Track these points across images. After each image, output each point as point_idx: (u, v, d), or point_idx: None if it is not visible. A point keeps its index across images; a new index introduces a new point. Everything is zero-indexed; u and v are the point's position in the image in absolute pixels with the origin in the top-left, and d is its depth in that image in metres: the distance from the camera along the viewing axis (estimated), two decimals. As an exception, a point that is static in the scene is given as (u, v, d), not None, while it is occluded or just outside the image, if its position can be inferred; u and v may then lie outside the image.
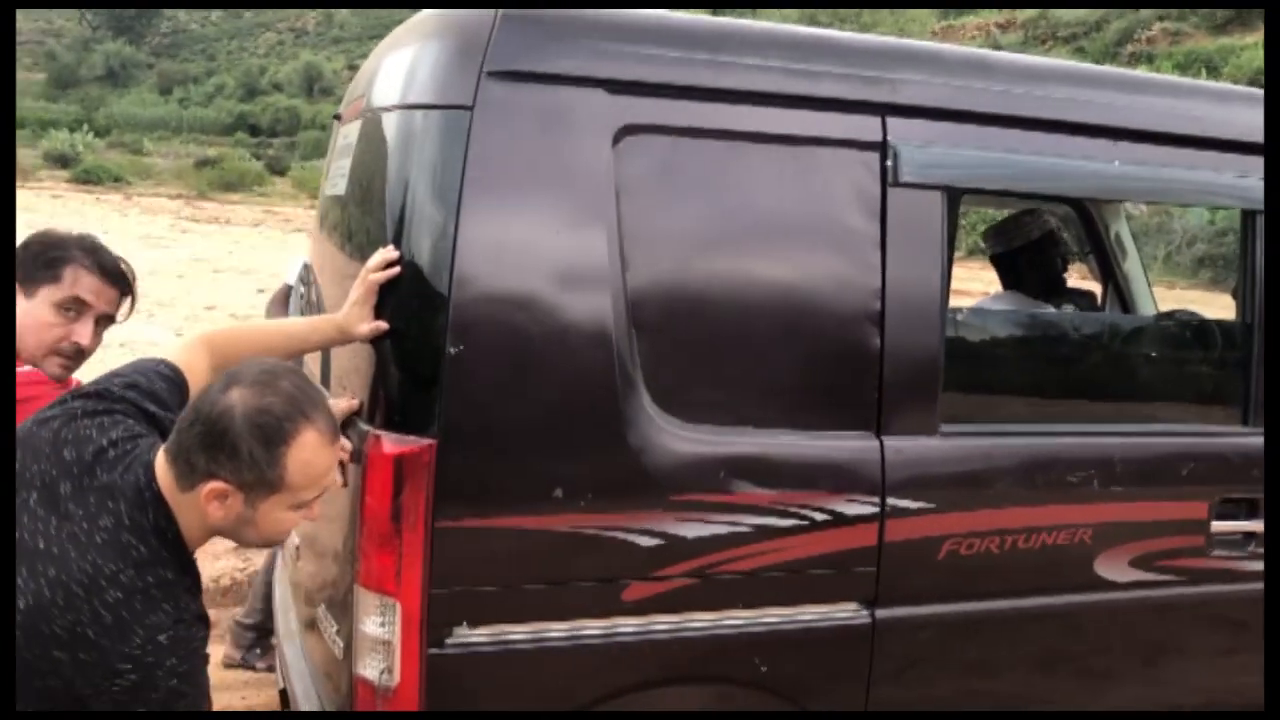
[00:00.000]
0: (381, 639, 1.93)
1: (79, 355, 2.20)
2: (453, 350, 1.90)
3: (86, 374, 2.21)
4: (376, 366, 2.01)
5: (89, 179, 30.35)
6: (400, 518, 1.90)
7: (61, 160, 33.03)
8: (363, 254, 2.09)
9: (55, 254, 2.17)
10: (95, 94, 67.05)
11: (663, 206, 2.07)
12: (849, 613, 2.19)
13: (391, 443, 1.91)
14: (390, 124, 2.12)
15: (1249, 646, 2.57)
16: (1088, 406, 2.56)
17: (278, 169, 37.68)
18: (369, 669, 1.95)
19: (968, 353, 2.39)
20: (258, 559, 4.18)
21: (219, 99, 65.08)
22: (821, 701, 2.19)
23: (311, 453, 1.62)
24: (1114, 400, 2.57)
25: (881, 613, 2.20)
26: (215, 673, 3.34)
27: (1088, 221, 3.94)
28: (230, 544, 4.36)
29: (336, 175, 2.55)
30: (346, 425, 2.04)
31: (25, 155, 29.19)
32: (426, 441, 1.90)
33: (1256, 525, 2.50)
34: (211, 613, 3.65)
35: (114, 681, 1.52)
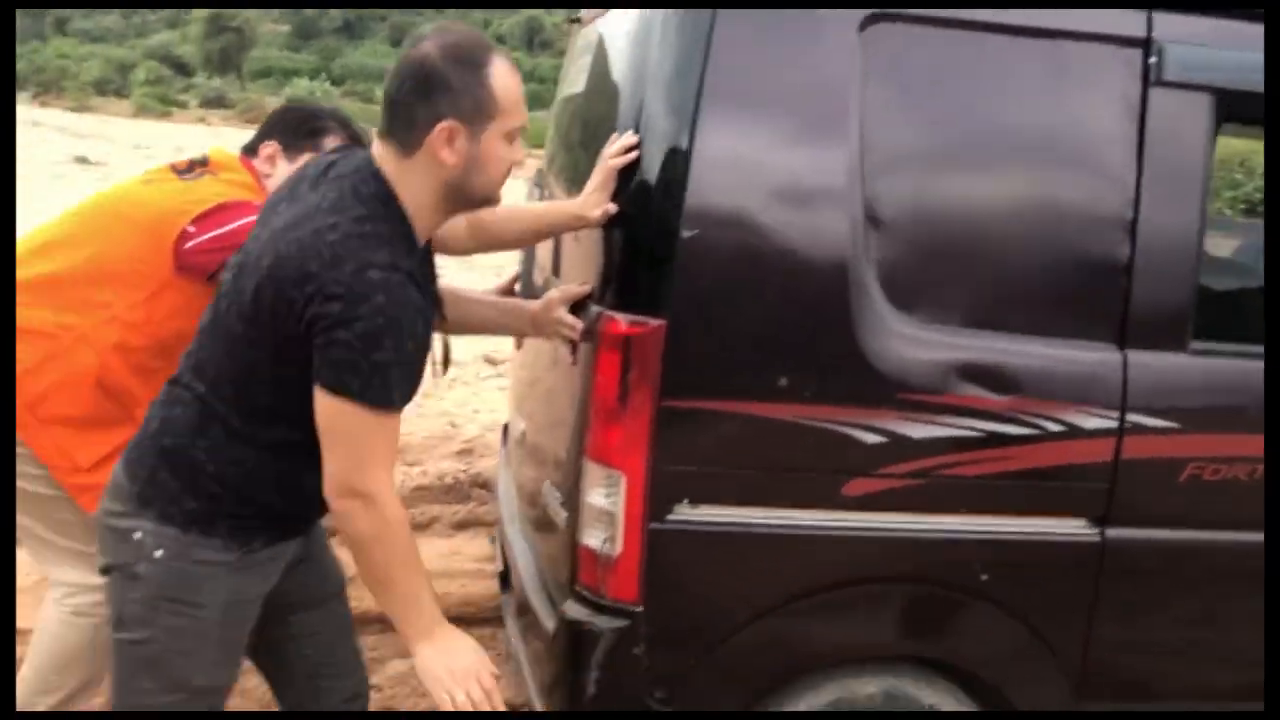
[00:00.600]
0: (605, 510, 2.00)
1: None
2: (686, 234, 1.92)
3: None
4: (609, 249, 2.06)
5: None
6: (629, 395, 1.95)
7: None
8: (599, 146, 2.14)
9: (317, 124, 2.36)
10: (333, 45, 70.79)
11: (907, 101, 2.02)
12: (1077, 529, 2.11)
13: (622, 322, 1.96)
14: (633, 18, 2.16)
15: None
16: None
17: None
18: (592, 539, 2.02)
19: (1229, 268, 2.24)
20: (479, 462, 4.39)
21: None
22: (1042, 616, 2.12)
23: (508, 74, 1.74)
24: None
25: (1112, 532, 2.11)
26: (440, 559, 3.57)
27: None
28: (455, 446, 4.60)
29: (576, 74, 2.62)
30: (578, 308, 2.11)
31: (272, 102, 31.15)
32: (656, 322, 1.93)
33: None
34: (435, 509, 3.90)
35: (327, 306, 1.62)
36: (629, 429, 1.96)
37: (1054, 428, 2.05)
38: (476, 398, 5.47)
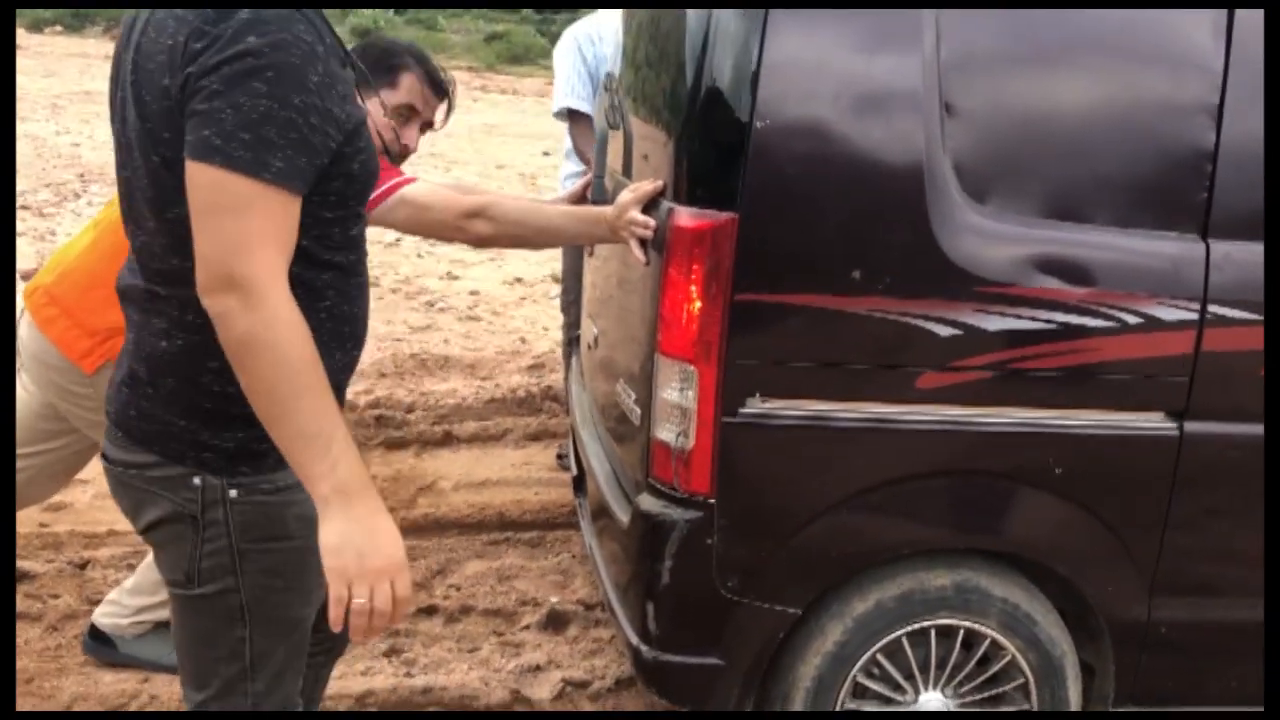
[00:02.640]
0: (679, 405, 2.02)
1: (404, 156, 2.38)
2: (759, 124, 1.91)
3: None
4: (681, 143, 2.06)
5: (389, 54, 32.14)
6: (701, 289, 1.96)
7: (364, 34, 35.12)
8: (668, 60, 2.13)
9: (394, 61, 2.34)
10: (393, -29, 70.34)
11: (982, -9, 1.97)
12: (1155, 423, 2.09)
13: (693, 217, 1.97)
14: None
15: None
16: None
17: (561, 43, 38.53)
18: (666, 433, 2.05)
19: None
20: (550, 376, 4.46)
21: (505, -25, 66.86)
22: (1116, 513, 2.12)
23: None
24: None
25: (1190, 426, 2.08)
26: (514, 469, 3.66)
27: None
28: (526, 361, 4.69)
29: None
30: (650, 206, 2.12)
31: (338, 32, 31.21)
32: (728, 215, 1.94)
33: None
34: (507, 421, 3.99)
35: (197, 59, 1.30)
36: (701, 323, 1.97)
37: (1132, 320, 2.03)
38: (546, 316, 5.54)
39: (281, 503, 1.50)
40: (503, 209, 2.23)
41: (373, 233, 6.34)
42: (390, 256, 6.49)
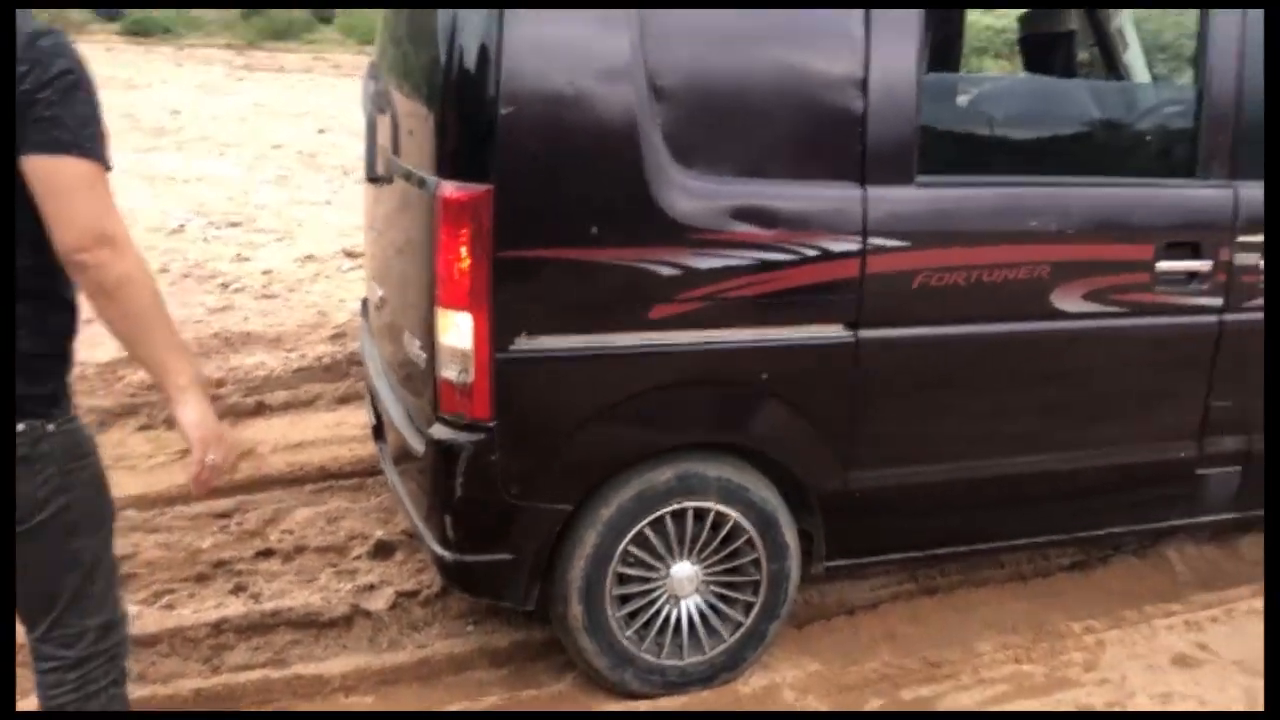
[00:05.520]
0: (459, 348, 2.44)
1: None
2: (504, 110, 2.34)
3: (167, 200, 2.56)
4: (440, 127, 2.45)
5: (139, 30, 30.50)
6: (468, 250, 2.38)
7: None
8: (424, 40, 2.52)
9: None
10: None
11: (678, -11, 2.45)
12: (836, 332, 2.65)
13: (456, 189, 2.38)
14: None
15: (1190, 380, 3.02)
16: (1051, 160, 2.94)
17: (325, 17, 37.48)
18: (450, 372, 2.47)
19: (944, 114, 2.78)
20: (352, 344, 4.77)
21: (261, -53, 64.02)
22: (813, 406, 2.68)
23: None
24: (1075, 155, 2.95)
25: (864, 333, 2.66)
26: (328, 429, 3.97)
27: (1091, 15, 4.21)
28: (327, 332, 4.96)
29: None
30: (423, 182, 2.50)
31: (75, 11, 29.32)
32: (485, 187, 2.36)
33: (1199, 265, 2.91)
34: (316, 387, 4.28)
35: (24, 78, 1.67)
36: (471, 278, 2.39)
37: (812, 253, 2.58)
38: (341, 289, 5.78)
39: (79, 428, 1.89)
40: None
41: (154, 220, 6.56)
42: (175, 243, 6.55)
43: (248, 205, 7.80)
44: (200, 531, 3.37)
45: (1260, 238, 2.94)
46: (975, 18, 11.04)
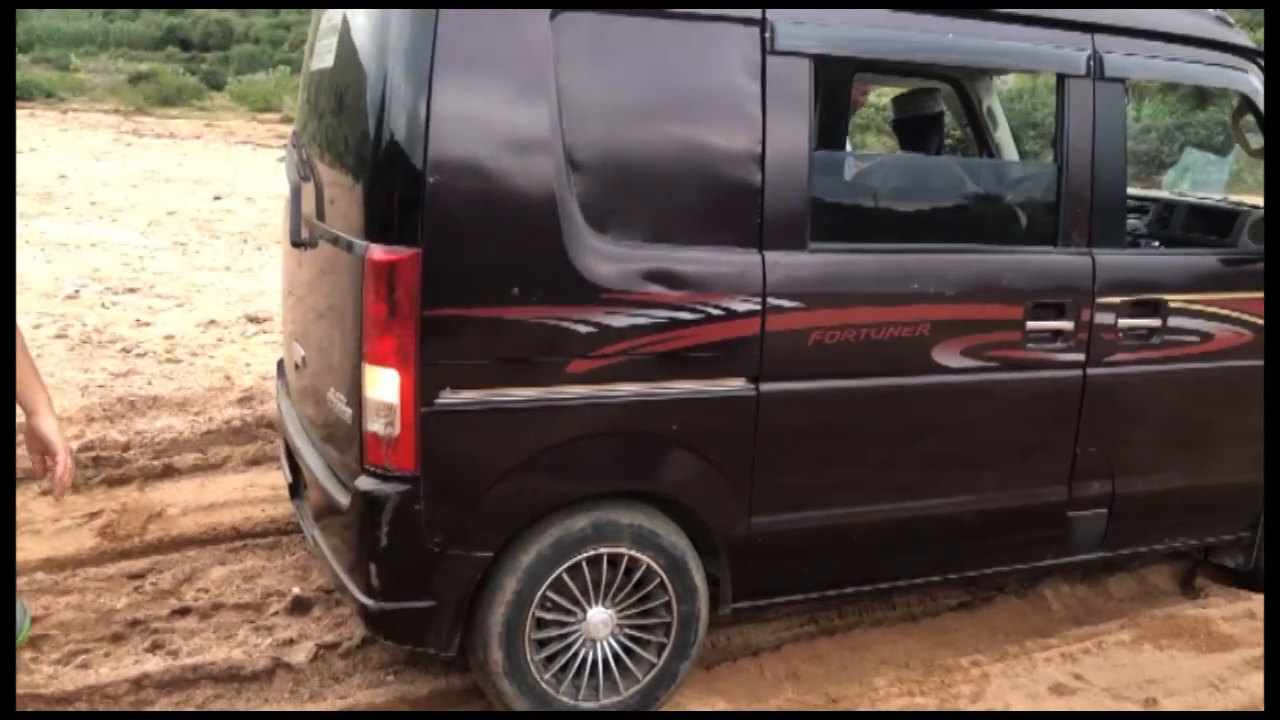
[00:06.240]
0: (385, 402, 2.57)
1: None
2: (432, 179, 2.50)
3: (59, 266, 2.66)
4: (370, 193, 2.60)
5: (20, 95, 29.80)
6: (395, 309, 2.52)
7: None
8: (349, 113, 2.67)
9: None
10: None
11: (591, 70, 2.66)
12: (739, 386, 2.86)
13: (385, 251, 2.52)
14: (371, 16, 2.69)
15: (1059, 429, 3.31)
16: (929, 230, 3.23)
17: (214, 83, 37.17)
18: (376, 425, 2.59)
19: (833, 188, 3.04)
20: (260, 407, 4.80)
21: (145, 12, 63.15)
22: (719, 455, 2.87)
23: None
24: (950, 225, 3.24)
25: (764, 386, 2.87)
26: (239, 491, 4.00)
27: (964, 97, 4.59)
28: (234, 395, 4.98)
29: (324, 51, 3.12)
30: (352, 246, 2.64)
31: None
32: (413, 250, 2.51)
33: (1063, 324, 3.21)
34: (225, 449, 4.31)
35: None
36: (398, 336, 2.53)
37: (716, 312, 2.78)
38: (246, 353, 5.80)
39: None
40: None
41: (48, 286, 6.57)
42: (73, 308, 6.49)
43: (144, 271, 7.75)
44: (114, 592, 3.38)
45: (1117, 299, 3.27)
46: (857, 96, 11.64)
